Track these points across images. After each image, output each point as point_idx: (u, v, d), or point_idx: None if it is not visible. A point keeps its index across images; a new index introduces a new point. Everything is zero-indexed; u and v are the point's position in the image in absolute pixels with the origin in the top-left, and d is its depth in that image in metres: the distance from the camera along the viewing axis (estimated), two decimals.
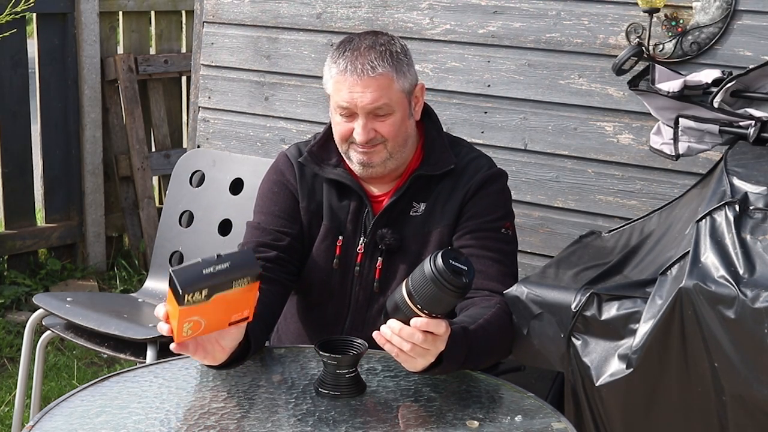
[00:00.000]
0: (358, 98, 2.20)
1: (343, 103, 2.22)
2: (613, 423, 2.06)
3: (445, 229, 2.29)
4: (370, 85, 2.20)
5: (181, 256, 3.23)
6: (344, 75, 2.21)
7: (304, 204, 2.35)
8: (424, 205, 2.31)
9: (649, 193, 2.90)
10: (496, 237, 2.29)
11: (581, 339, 2.08)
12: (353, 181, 2.32)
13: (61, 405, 1.86)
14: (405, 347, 1.87)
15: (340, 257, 2.32)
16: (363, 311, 2.32)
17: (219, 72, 3.60)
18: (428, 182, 2.32)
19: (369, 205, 2.31)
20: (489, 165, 2.36)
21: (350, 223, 2.32)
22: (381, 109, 2.22)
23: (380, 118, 2.23)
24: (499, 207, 2.32)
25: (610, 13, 2.89)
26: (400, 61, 2.25)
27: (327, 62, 2.29)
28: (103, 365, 3.98)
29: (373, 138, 2.23)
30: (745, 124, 2.36)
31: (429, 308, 1.86)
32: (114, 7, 4.83)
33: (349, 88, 2.21)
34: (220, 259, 1.76)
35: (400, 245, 2.29)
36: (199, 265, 1.75)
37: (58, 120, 4.67)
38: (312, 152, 2.36)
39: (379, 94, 2.21)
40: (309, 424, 1.81)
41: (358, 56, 2.22)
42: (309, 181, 2.36)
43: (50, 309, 2.91)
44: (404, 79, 2.25)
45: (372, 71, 2.20)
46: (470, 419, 1.85)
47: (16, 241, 4.53)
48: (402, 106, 2.26)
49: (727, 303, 1.88)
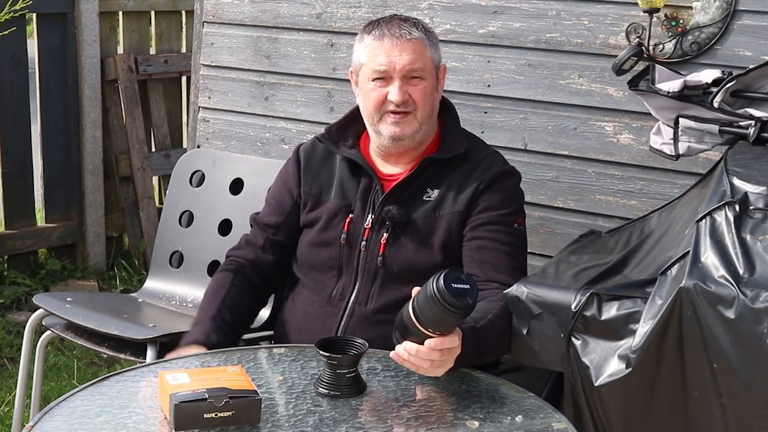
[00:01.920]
0: (396, 59, 2.33)
1: (380, 66, 2.34)
2: (612, 423, 2.06)
3: (454, 216, 2.35)
4: (407, 48, 2.34)
5: (181, 256, 3.23)
6: (381, 40, 2.35)
7: (306, 188, 2.48)
8: (437, 191, 2.38)
9: (649, 193, 2.89)
10: (508, 231, 2.36)
11: (581, 339, 2.08)
12: (364, 161, 2.43)
13: (61, 405, 1.86)
14: (425, 365, 1.94)
15: (348, 233, 2.39)
16: (368, 286, 2.37)
17: (219, 72, 3.60)
18: (443, 170, 2.40)
19: (378, 183, 2.40)
20: (503, 162, 2.46)
21: (359, 200, 2.41)
22: (416, 71, 2.35)
23: (413, 82, 2.35)
24: (513, 202, 2.40)
25: (610, 13, 2.89)
26: (432, 34, 2.43)
27: (357, 39, 2.43)
28: (103, 365, 3.98)
29: (406, 101, 2.34)
30: (745, 124, 2.36)
31: (438, 329, 1.90)
32: (114, 7, 4.83)
33: (387, 51, 2.34)
34: (227, 405, 1.77)
35: (407, 222, 2.35)
36: (202, 407, 1.76)
37: (58, 120, 4.67)
38: (330, 131, 2.50)
39: (416, 57, 2.35)
40: (309, 424, 1.81)
41: (393, 25, 2.37)
42: (315, 167, 2.49)
43: (50, 309, 2.91)
44: (434, 50, 2.41)
45: (409, 35, 2.35)
46: (470, 419, 1.85)
47: (16, 241, 4.53)
48: (432, 76, 2.39)
49: (727, 303, 1.88)
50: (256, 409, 1.81)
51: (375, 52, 2.35)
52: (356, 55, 2.42)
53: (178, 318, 3.00)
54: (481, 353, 2.09)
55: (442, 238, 2.35)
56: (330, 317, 2.37)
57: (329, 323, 2.36)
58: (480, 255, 2.32)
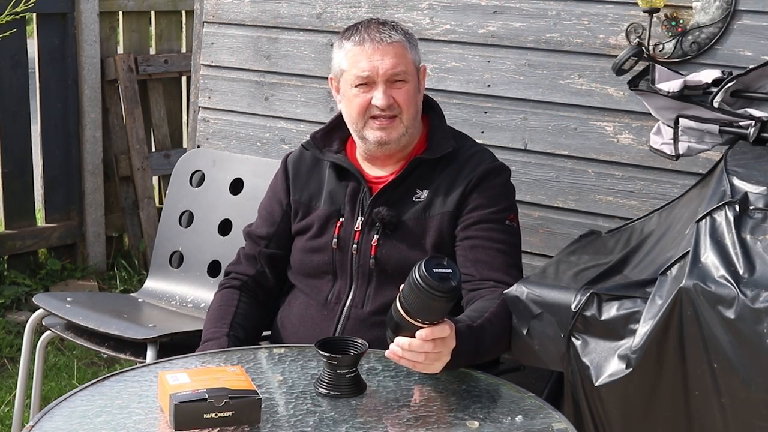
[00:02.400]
0: (378, 64, 2.32)
1: (363, 72, 2.32)
2: (612, 423, 2.06)
3: (445, 216, 2.34)
4: (388, 52, 2.33)
5: (181, 256, 3.23)
6: (362, 46, 2.33)
7: (296, 197, 2.48)
8: (427, 192, 2.37)
9: (649, 193, 2.89)
10: (500, 228, 2.35)
11: (581, 339, 2.08)
12: (350, 164, 2.42)
13: (61, 405, 1.86)
14: (420, 359, 1.94)
15: (339, 237, 2.39)
16: (363, 288, 2.37)
17: (219, 72, 3.60)
18: (431, 170, 2.39)
19: (366, 186, 2.40)
20: (492, 159, 2.45)
21: (348, 203, 2.40)
22: (399, 75, 2.33)
23: (397, 85, 2.34)
24: (503, 199, 2.39)
25: (610, 13, 2.89)
26: (410, 35, 2.41)
27: (336, 46, 2.41)
28: (103, 365, 3.98)
29: (391, 104, 2.33)
30: (745, 124, 2.36)
31: (427, 318, 1.90)
32: (114, 7, 4.83)
33: (368, 56, 2.32)
34: (227, 405, 1.77)
35: (397, 223, 2.35)
36: (202, 407, 1.76)
37: (58, 120, 4.67)
38: (315, 137, 2.49)
39: (398, 60, 2.33)
40: (309, 424, 1.81)
41: (372, 29, 2.35)
42: (304, 175, 2.48)
43: (50, 309, 2.91)
44: (414, 51, 2.40)
45: (389, 38, 2.33)
46: (470, 419, 1.85)
47: (16, 241, 4.53)
48: (414, 77, 2.38)
49: (727, 303, 1.88)
50: (256, 409, 1.81)
51: (356, 57, 2.33)
52: (336, 62, 2.40)
53: (178, 318, 3.00)
54: (480, 351, 2.08)
55: (433, 239, 2.34)
56: (327, 321, 2.37)
57: (326, 327, 2.36)
58: (474, 254, 2.31)
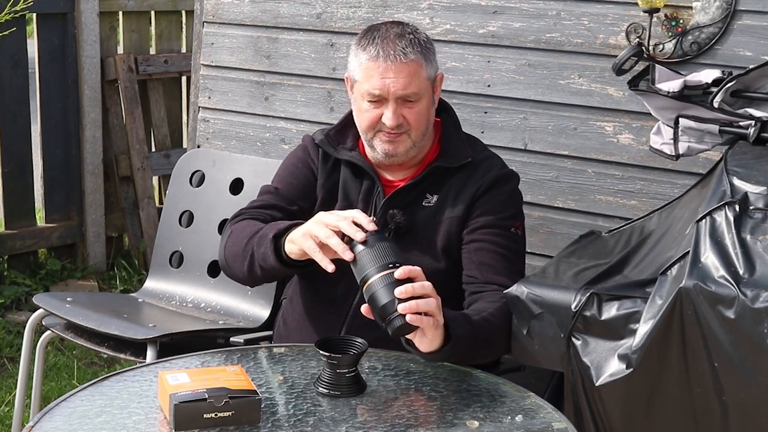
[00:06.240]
0: (390, 84, 2.26)
1: (375, 90, 2.27)
2: (612, 423, 2.06)
3: (453, 220, 2.35)
4: (402, 71, 2.26)
5: (181, 256, 3.23)
6: (376, 61, 2.27)
7: (321, 181, 2.43)
8: (437, 196, 2.37)
9: (649, 193, 2.90)
10: (506, 235, 2.35)
11: (581, 339, 2.08)
12: (365, 162, 2.40)
13: (61, 405, 1.86)
14: (432, 295, 1.92)
15: None
16: None
17: (219, 72, 3.60)
18: (443, 175, 2.38)
19: (380, 185, 2.38)
20: (502, 165, 2.44)
21: (361, 202, 2.38)
22: (411, 96, 2.27)
23: (408, 104, 2.29)
24: (510, 206, 2.39)
25: (610, 13, 2.89)
26: (428, 49, 2.32)
27: (353, 49, 2.34)
28: (103, 365, 3.98)
29: (401, 123, 2.29)
30: (745, 124, 2.36)
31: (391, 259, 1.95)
32: (114, 7, 4.83)
33: (382, 74, 2.26)
34: (226, 405, 1.77)
35: (410, 227, 2.34)
36: (202, 407, 1.76)
37: (58, 120, 4.67)
38: (329, 135, 2.45)
39: (410, 80, 2.27)
40: (309, 424, 1.81)
41: (389, 43, 2.27)
42: (330, 164, 2.44)
43: (50, 309, 2.91)
44: (430, 67, 2.32)
45: (404, 57, 2.26)
46: (470, 419, 1.85)
47: (16, 241, 4.53)
48: (428, 93, 2.32)
49: (727, 303, 1.88)
50: (256, 409, 1.81)
51: (369, 72, 2.27)
52: (351, 67, 2.35)
53: (178, 318, 3.00)
54: (479, 343, 2.08)
55: (442, 242, 2.34)
56: (334, 319, 2.36)
57: (333, 324, 2.35)
58: (478, 257, 2.32)
